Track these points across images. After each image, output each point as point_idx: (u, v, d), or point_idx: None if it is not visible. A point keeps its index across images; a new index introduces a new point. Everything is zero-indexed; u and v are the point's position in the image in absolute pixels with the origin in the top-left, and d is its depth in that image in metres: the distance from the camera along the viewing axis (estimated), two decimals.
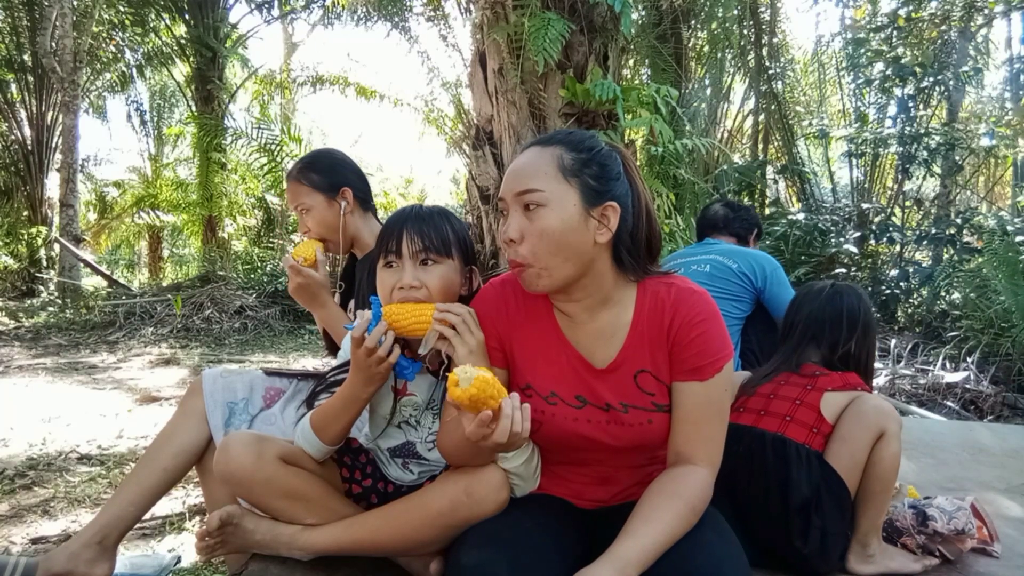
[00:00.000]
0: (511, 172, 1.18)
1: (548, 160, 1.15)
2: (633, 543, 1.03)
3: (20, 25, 10.63)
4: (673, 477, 1.15)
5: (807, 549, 1.44)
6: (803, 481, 1.46)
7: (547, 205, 1.12)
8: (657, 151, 4.79)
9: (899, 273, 6.26)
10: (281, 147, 8.39)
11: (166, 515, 2.29)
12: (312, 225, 1.86)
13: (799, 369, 1.66)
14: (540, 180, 1.13)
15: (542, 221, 1.12)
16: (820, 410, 1.55)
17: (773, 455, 1.50)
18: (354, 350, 1.23)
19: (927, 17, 7.07)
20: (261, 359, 5.87)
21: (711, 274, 2.46)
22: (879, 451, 1.48)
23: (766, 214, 7.57)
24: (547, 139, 1.20)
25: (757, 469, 1.50)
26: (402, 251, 1.29)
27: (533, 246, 1.13)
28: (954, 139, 6.25)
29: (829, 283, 1.77)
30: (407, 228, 1.30)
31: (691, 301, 1.20)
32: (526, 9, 3.95)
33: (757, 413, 1.61)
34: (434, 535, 1.23)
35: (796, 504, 1.45)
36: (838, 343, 1.66)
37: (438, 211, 1.37)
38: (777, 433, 1.54)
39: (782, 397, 1.61)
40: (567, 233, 1.12)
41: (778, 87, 7.95)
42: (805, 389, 1.61)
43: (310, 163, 1.88)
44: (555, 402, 1.22)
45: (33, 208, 11.19)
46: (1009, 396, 4.15)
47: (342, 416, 1.30)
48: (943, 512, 1.58)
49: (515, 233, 1.14)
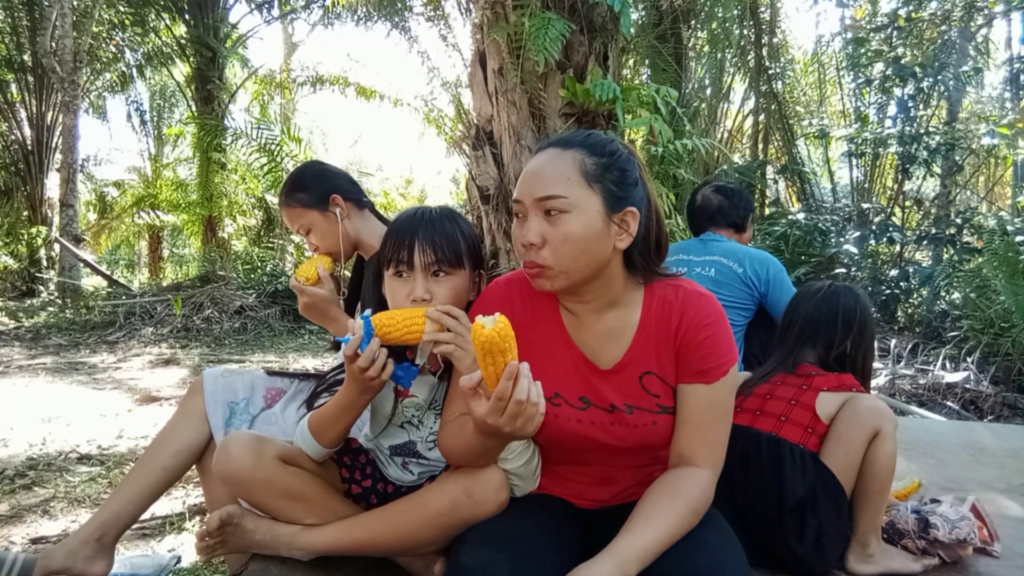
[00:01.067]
0: (530, 175, 1.15)
1: (570, 165, 1.13)
2: (634, 540, 1.03)
3: (20, 25, 10.62)
4: (675, 478, 1.15)
5: (802, 549, 1.44)
6: (798, 481, 1.46)
7: (571, 212, 1.11)
8: (657, 151, 4.80)
9: (899, 273, 6.25)
10: (281, 147, 8.39)
11: (166, 515, 2.29)
12: (318, 241, 1.83)
13: (795, 369, 1.66)
14: (563, 186, 1.11)
15: (566, 227, 1.11)
16: (815, 410, 1.56)
17: (768, 455, 1.50)
18: (348, 366, 1.23)
19: (927, 17, 7.07)
20: (261, 359, 5.87)
21: (716, 279, 2.42)
22: (874, 451, 1.48)
23: (766, 214, 7.58)
24: (566, 141, 1.17)
25: (752, 469, 1.51)
26: (414, 262, 1.27)
27: (555, 251, 1.11)
28: (954, 139, 6.25)
29: (827, 283, 1.77)
30: (419, 238, 1.27)
31: (699, 304, 1.20)
32: (526, 9, 3.95)
33: (753, 413, 1.61)
34: (434, 535, 1.23)
35: (791, 504, 1.45)
36: (833, 343, 1.66)
37: (448, 215, 1.34)
38: (771, 433, 1.54)
39: (778, 397, 1.61)
40: (590, 240, 1.12)
41: (778, 87, 7.96)
42: (800, 389, 1.61)
43: (293, 183, 1.85)
44: (559, 403, 1.22)
45: (33, 208, 11.18)
46: (1009, 396, 4.15)
47: (339, 421, 1.30)
48: (946, 521, 1.57)
49: (537, 238, 1.12)
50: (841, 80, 7.97)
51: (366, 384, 1.23)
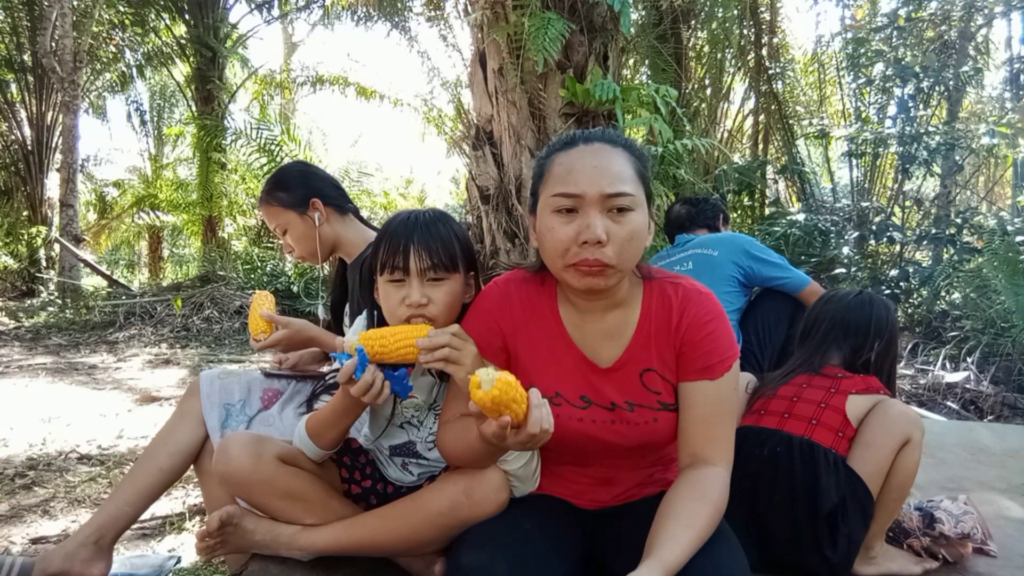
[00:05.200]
0: (593, 170, 1.12)
1: (627, 162, 1.15)
2: (675, 547, 1.02)
3: (20, 25, 10.62)
4: (698, 479, 1.13)
5: (836, 558, 1.40)
6: (832, 487, 1.42)
7: (635, 210, 1.13)
8: (657, 151, 4.79)
9: (899, 273, 6.25)
10: (281, 147, 8.38)
11: (166, 515, 2.29)
12: (293, 243, 1.83)
13: (821, 371, 1.62)
14: (631, 184, 1.13)
15: (632, 225, 1.12)
16: (845, 413, 1.52)
17: (800, 460, 1.45)
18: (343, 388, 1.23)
19: (927, 17, 7.07)
20: (261, 359, 5.86)
21: (695, 271, 2.48)
22: (902, 459, 1.46)
23: (766, 214, 7.57)
24: (611, 139, 1.18)
25: (783, 474, 1.45)
26: (410, 268, 1.26)
27: (620, 249, 1.11)
28: (954, 139, 6.24)
29: (859, 289, 1.75)
30: (414, 243, 1.26)
31: (699, 301, 1.21)
32: (526, 9, 3.94)
33: (780, 416, 1.56)
34: (433, 535, 1.23)
35: (825, 511, 1.41)
36: (863, 348, 1.63)
37: (440, 218, 1.33)
38: (804, 437, 1.49)
39: (806, 400, 1.57)
40: (644, 238, 1.15)
41: (778, 87, 7.95)
42: (829, 392, 1.56)
43: (276, 182, 1.84)
44: (559, 402, 1.22)
45: (33, 208, 11.18)
46: (1009, 396, 4.14)
47: (336, 425, 1.30)
48: (950, 515, 1.58)
49: (604, 234, 1.10)
50: (841, 80, 7.95)
51: (363, 403, 1.23)
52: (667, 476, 1.30)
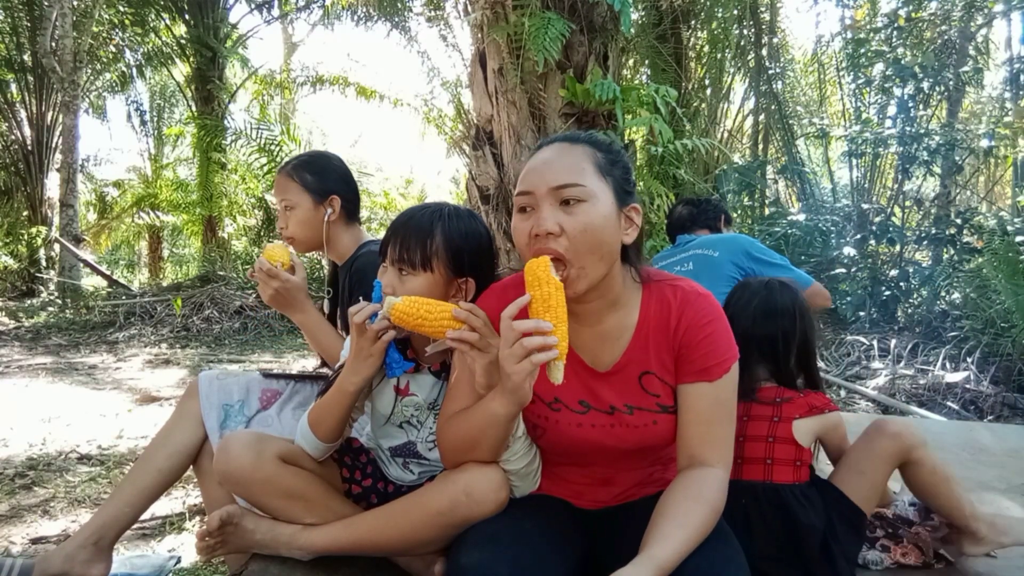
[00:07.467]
0: (542, 164, 1.15)
1: (583, 156, 1.15)
2: (667, 546, 1.02)
3: (20, 25, 10.62)
4: (695, 480, 1.13)
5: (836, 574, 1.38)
6: (812, 521, 1.38)
7: (588, 201, 1.11)
8: (657, 151, 4.79)
9: (899, 273, 6.26)
10: (281, 147, 8.39)
11: (166, 515, 2.29)
12: (293, 225, 1.81)
13: (756, 396, 1.51)
14: (580, 175, 1.12)
15: (585, 216, 1.10)
16: (795, 440, 1.46)
17: (770, 506, 1.40)
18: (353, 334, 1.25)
19: (927, 17, 7.07)
20: (260, 359, 5.87)
21: (695, 271, 2.48)
22: (914, 477, 1.47)
23: (766, 214, 7.57)
24: (572, 137, 1.19)
25: (757, 525, 1.40)
26: (387, 256, 1.32)
27: (573, 241, 1.10)
28: (954, 139, 6.24)
29: (757, 292, 1.58)
30: (395, 235, 1.31)
31: (697, 303, 1.20)
32: (526, 9, 3.94)
33: (736, 463, 1.42)
34: (434, 535, 1.23)
35: (815, 545, 1.37)
36: (782, 357, 1.52)
37: (440, 216, 1.32)
38: (765, 482, 1.43)
39: (752, 437, 1.48)
40: (606, 230, 1.12)
41: (778, 87, 7.95)
42: (772, 422, 1.48)
43: (306, 162, 1.85)
44: (559, 408, 1.22)
45: (33, 208, 11.17)
46: (1009, 396, 4.14)
47: (334, 409, 1.30)
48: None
49: (554, 226, 1.10)
50: (841, 80, 7.95)
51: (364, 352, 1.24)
52: (667, 476, 1.29)
